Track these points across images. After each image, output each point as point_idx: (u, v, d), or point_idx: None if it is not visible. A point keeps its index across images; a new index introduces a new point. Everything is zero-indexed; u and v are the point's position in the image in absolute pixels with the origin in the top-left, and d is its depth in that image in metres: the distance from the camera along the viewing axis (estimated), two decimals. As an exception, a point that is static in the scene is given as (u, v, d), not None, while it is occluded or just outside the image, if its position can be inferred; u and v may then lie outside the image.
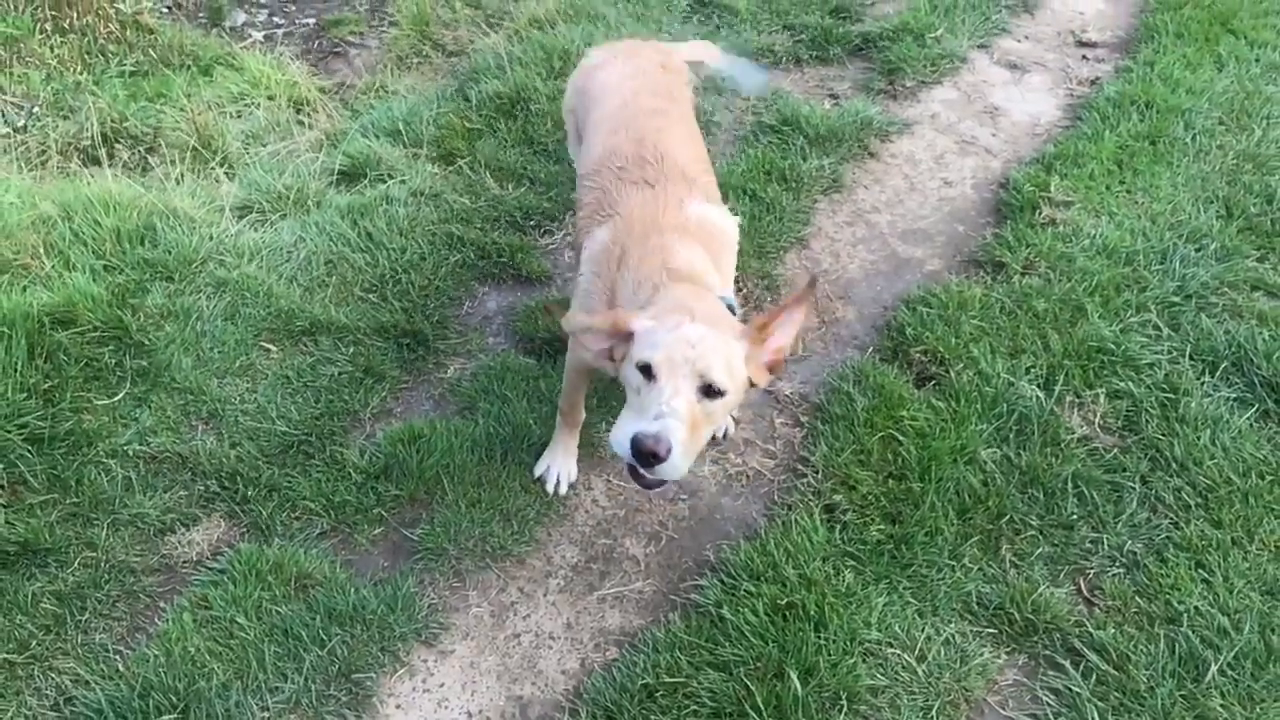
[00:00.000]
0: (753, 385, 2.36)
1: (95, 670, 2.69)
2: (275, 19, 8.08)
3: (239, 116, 5.85)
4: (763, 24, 5.43)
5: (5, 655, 2.70)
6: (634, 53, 3.46)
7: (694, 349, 2.19)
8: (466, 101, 4.81)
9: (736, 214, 3.15)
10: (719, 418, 2.32)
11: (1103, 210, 4.15)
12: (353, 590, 2.86)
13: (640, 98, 3.16)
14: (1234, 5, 5.39)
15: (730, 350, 2.26)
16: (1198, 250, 3.94)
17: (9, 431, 3.16)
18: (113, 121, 5.81)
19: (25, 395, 3.25)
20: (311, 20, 8.01)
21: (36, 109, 5.00)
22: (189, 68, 6.77)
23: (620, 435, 2.20)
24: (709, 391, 2.21)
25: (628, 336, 2.34)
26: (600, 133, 3.07)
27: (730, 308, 2.55)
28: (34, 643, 2.75)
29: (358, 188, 4.36)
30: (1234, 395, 3.41)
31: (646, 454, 2.12)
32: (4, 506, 3.02)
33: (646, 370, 2.22)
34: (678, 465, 2.15)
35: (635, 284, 2.57)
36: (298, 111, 5.85)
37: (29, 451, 3.14)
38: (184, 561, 2.99)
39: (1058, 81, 5.11)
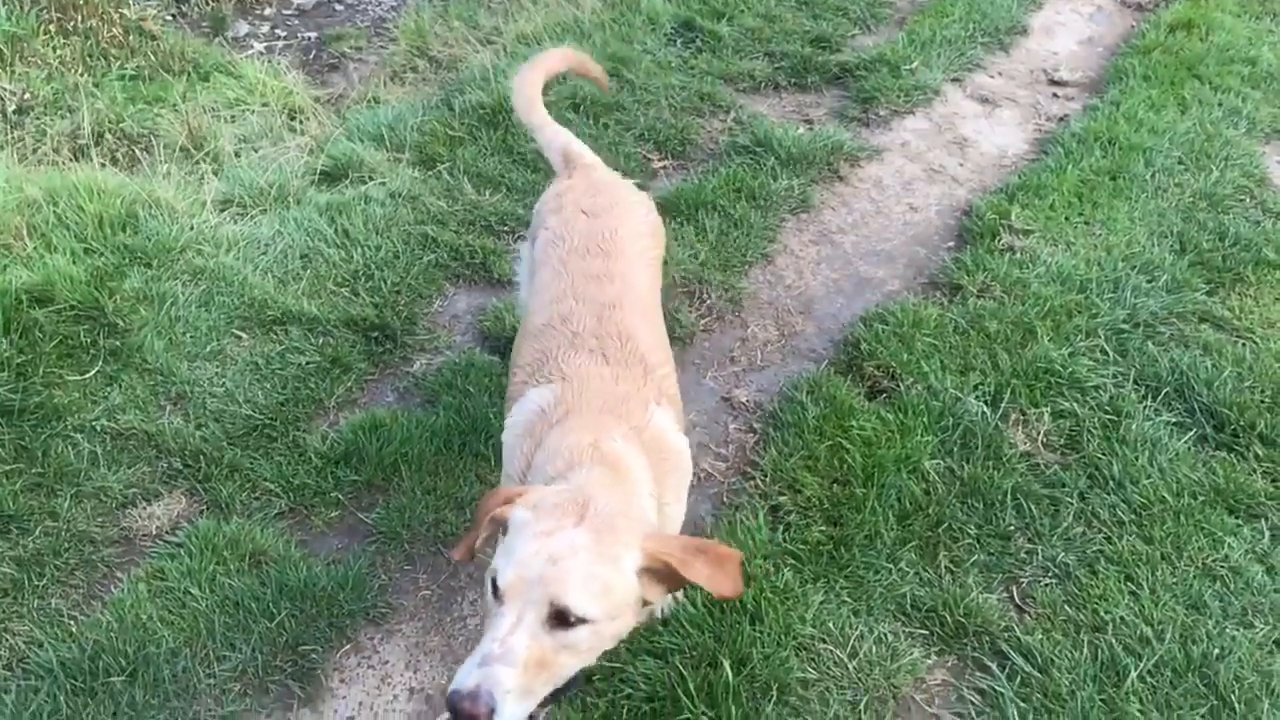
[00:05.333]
0: (647, 603, 1.97)
1: (49, 633, 2.78)
2: (277, 31, 8.24)
3: (233, 121, 5.97)
4: (745, 50, 5.59)
5: (-39, 615, 2.79)
6: (561, 204, 2.95)
7: (553, 566, 1.81)
8: (450, 110, 4.95)
9: (708, 227, 3.14)
10: (589, 650, 1.88)
11: (1060, 239, 4.28)
12: (305, 568, 2.95)
13: (576, 259, 2.73)
14: (1201, 52, 5.56)
15: (610, 568, 1.86)
16: (1149, 281, 4.06)
17: (-21, 402, 3.26)
18: (109, 122, 5.95)
19: (-2, 368, 3.36)
20: (313, 34, 8.16)
21: (28, 95, 5.11)
22: (188, 74, 6.92)
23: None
24: (563, 619, 1.80)
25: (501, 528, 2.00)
26: (549, 291, 2.68)
27: None
28: (-10, 605, 2.83)
29: (338, 187, 4.49)
30: (1174, 420, 3.52)
31: (462, 716, 1.72)
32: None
33: (495, 590, 1.85)
34: (513, 717, 1.75)
35: (555, 450, 2.21)
36: (291, 118, 5.98)
37: (-2, 421, 3.24)
38: (143, 534, 3.08)
39: (1027, 117, 5.26)
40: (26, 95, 5.24)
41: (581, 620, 1.80)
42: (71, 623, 2.82)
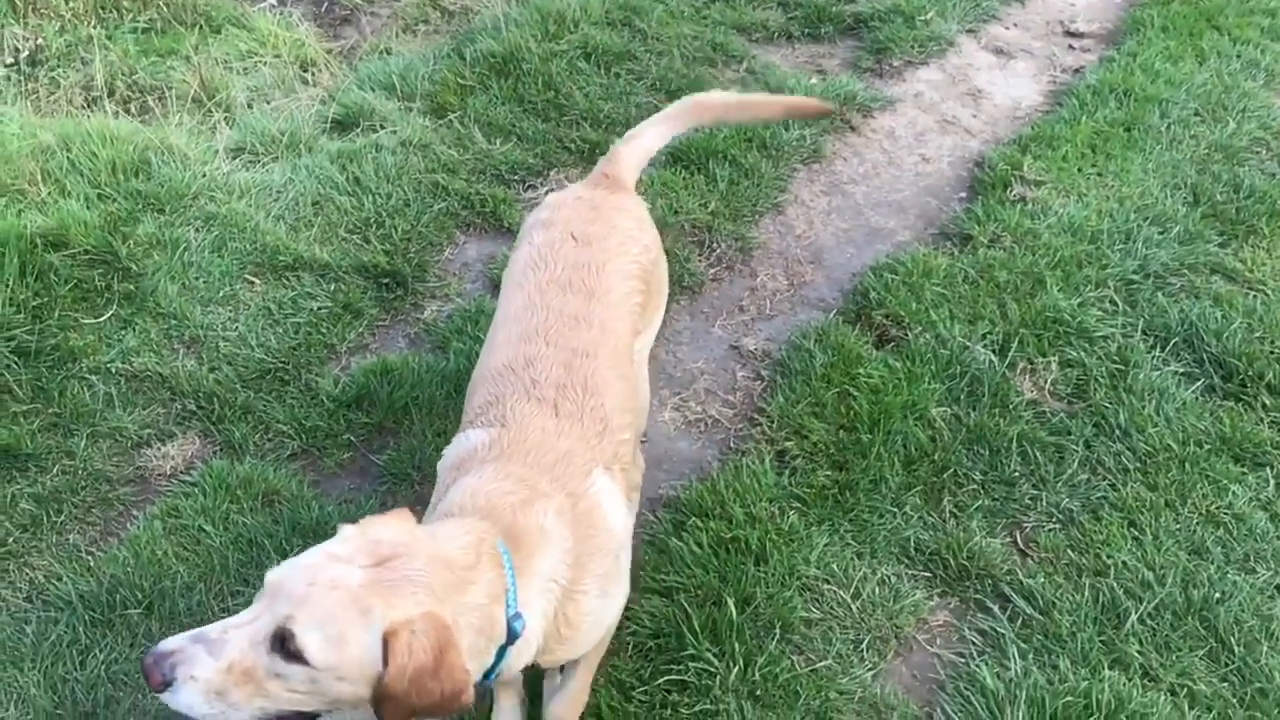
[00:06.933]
0: (389, 696, 1.67)
1: (68, 567, 2.85)
2: (290, -17, 8.19)
3: (245, 73, 5.97)
4: (758, -1, 5.54)
5: (-18, 549, 2.86)
6: (553, 220, 2.65)
7: (306, 588, 1.66)
8: (462, 59, 4.93)
9: (718, 175, 3.00)
10: (305, 694, 1.69)
11: (1072, 190, 4.26)
12: (317, 507, 3.01)
13: (555, 293, 2.45)
14: (1221, 3, 5.47)
15: (357, 620, 1.65)
16: (1161, 233, 4.04)
17: (-3, 343, 3.32)
18: (122, 74, 5.96)
19: (15, 310, 3.41)
20: (326, -14, 8.10)
21: (41, 41, 5.13)
22: (200, 26, 6.90)
23: None
24: (285, 648, 1.64)
25: None
26: (519, 325, 2.42)
27: (512, 632, 1.87)
28: (10, 540, 2.91)
29: (350, 136, 4.49)
30: (1182, 370, 3.52)
31: (143, 671, 1.65)
32: (-11, 413, 3.18)
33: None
34: (189, 706, 1.65)
35: (473, 489, 2.04)
36: (303, 70, 5.97)
37: (15, 362, 3.31)
38: (158, 474, 3.14)
39: (1042, 69, 5.21)
40: (40, 41, 5.25)
41: (301, 660, 1.63)
42: (89, 558, 2.89)
